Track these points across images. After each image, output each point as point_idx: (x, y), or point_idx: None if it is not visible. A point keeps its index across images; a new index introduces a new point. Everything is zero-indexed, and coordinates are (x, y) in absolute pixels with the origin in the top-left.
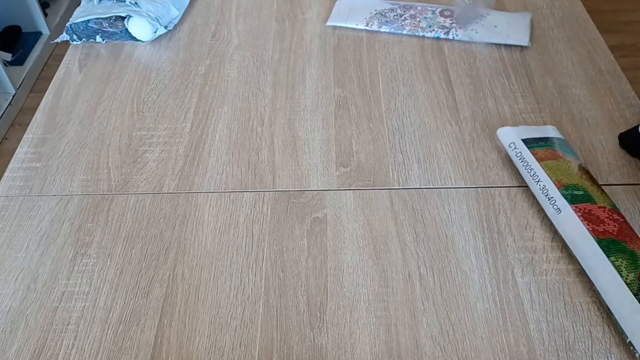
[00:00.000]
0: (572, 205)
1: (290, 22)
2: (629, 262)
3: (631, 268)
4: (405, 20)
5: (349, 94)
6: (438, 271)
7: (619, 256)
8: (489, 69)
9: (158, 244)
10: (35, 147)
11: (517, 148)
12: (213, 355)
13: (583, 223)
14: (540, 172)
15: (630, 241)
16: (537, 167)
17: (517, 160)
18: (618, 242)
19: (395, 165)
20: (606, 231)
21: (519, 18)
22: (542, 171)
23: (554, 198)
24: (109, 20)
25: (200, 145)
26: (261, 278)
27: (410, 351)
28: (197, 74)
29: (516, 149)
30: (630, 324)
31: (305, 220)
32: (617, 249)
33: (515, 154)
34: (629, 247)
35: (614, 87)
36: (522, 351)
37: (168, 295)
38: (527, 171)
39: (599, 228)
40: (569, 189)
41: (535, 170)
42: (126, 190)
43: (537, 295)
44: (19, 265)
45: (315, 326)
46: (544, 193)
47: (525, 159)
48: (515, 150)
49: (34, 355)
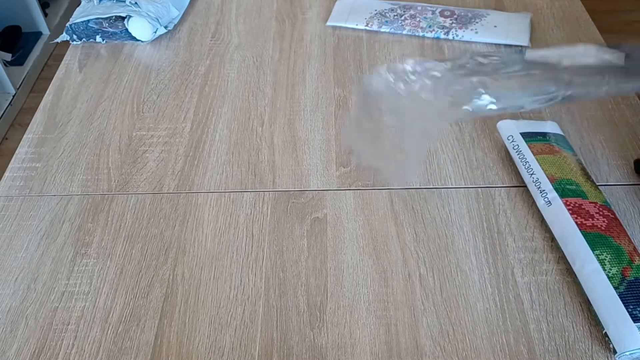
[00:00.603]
0: (563, 199)
1: (290, 22)
2: (613, 257)
3: (614, 262)
4: (405, 20)
5: (349, 94)
6: (438, 271)
7: (603, 250)
8: None
9: (158, 244)
10: (35, 147)
11: (515, 141)
12: (213, 355)
13: (572, 216)
14: (535, 165)
15: (617, 237)
16: (532, 160)
17: (513, 153)
18: (605, 237)
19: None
20: (594, 226)
21: (519, 18)
22: (536, 164)
23: (545, 191)
24: (109, 20)
25: (200, 145)
26: (261, 278)
27: (410, 351)
28: (197, 74)
29: (514, 142)
30: (607, 316)
31: (305, 220)
32: (603, 244)
33: (512, 146)
34: (615, 242)
35: None
36: (522, 351)
37: (168, 295)
38: (522, 164)
39: (587, 222)
40: (562, 183)
41: (531, 163)
42: (126, 190)
43: (537, 295)
44: (19, 265)
45: (315, 326)
46: (536, 185)
47: (521, 151)
48: (513, 143)
49: (34, 355)
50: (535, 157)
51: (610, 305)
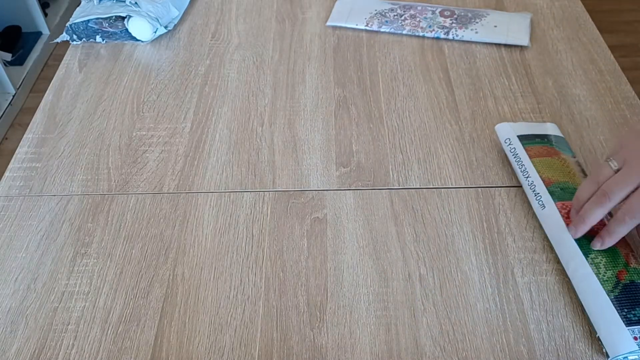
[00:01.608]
0: (557, 202)
1: (290, 22)
2: (608, 260)
3: (610, 265)
4: (405, 20)
5: (349, 94)
6: (438, 271)
7: (599, 253)
8: (489, 69)
9: (158, 244)
10: (35, 147)
11: (512, 144)
12: (213, 355)
13: (565, 220)
14: (530, 169)
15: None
16: (528, 163)
17: (510, 156)
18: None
19: (395, 165)
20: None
21: (519, 18)
22: (532, 168)
23: (539, 194)
24: (109, 20)
25: (200, 145)
26: (261, 278)
27: (410, 351)
28: (197, 74)
29: (511, 145)
30: (599, 320)
31: (305, 220)
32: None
33: (509, 149)
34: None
35: (614, 87)
36: (522, 351)
37: (168, 295)
38: (518, 167)
39: None
40: (558, 186)
41: (527, 167)
42: (126, 190)
43: (537, 295)
44: (19, 265)
45: (315, 326)
46: (531, 189)
47: (518, 154)
48: (510, 146)
49: (34, 355)
50: (533, 160)
51: (602, 310)
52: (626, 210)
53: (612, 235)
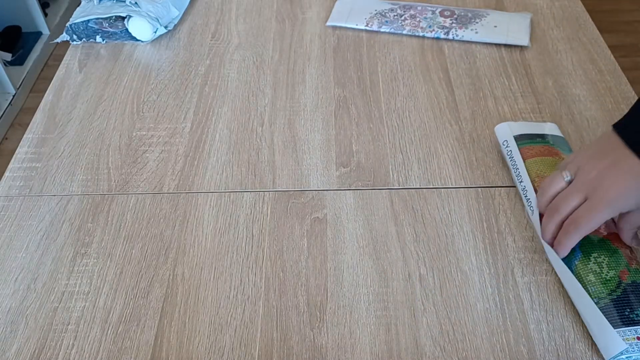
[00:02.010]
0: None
1: (290, 22)
2: (611, 260)
3: (612, 265)
4: (405, 20)
5: (349, 94)
6: (438, 271)
7: (601, 253)
8: (489, 69)
9: (158, 244)
10: (35, 147)
11: (509, 146)
12: (213, 355)
13: None
14: (523, 173)
15: (615, 240)
16: (521, 166)
17: (507, 159)
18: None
19: (395, 165)
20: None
21: (519, 18)
22: (525, 172)
23: (530, 199)
24: (109, 20)
25: (200, 145)
26: (261, 278)
27: (410, 351)
28: (197, 74)
29: (507, 147)
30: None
31: (305, 220)
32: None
33: (506, 152)
34: (613, 245)
35: (614, 87)
36: (522, 351)
37: (168, 295)
38: (513, 170)
39: None
40: None
41: (520, 171)
42: (126, 190)
43: (537, 295)
44: (19, 265)
45: (315, 326)
46: (523, 194)
47: (513, 158)
48: (507, 149)
49: (34, 355)
50: (532, 160)
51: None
52: (570, 221)
53: (561, 246)
